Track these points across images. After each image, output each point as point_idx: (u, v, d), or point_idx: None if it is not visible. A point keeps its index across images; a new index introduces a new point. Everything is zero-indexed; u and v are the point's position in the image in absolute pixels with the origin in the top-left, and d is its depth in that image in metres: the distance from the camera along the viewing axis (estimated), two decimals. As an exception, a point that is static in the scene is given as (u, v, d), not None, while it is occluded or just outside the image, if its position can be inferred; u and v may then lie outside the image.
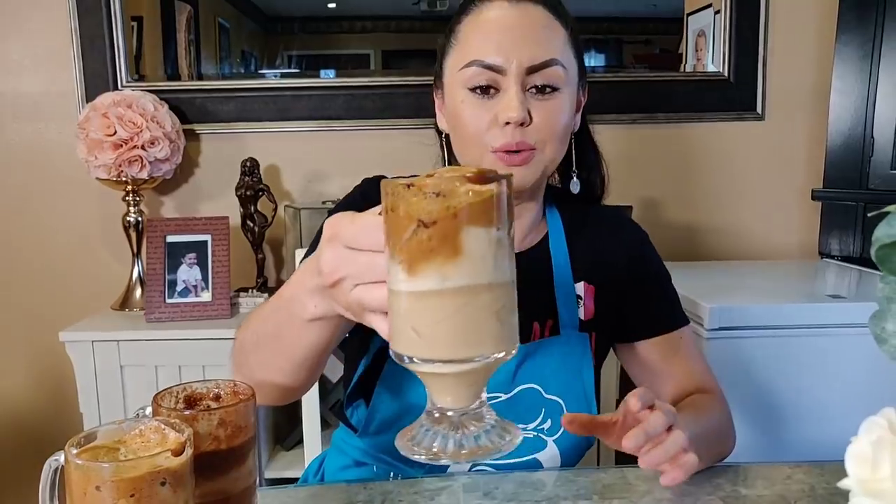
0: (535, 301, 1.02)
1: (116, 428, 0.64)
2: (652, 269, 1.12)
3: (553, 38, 0.97)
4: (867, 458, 0.41)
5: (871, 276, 1.75)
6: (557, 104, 0.97)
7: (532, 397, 1.00)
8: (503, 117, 0.94)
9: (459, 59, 0.98)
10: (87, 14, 1.96)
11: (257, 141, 2.05)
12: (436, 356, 0.53)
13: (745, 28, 2.04)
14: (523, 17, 0.96)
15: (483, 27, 0.97)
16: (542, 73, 0.95)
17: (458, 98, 0.98)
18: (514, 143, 0.94)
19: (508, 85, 0.95)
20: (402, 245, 0.52)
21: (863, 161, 1.89)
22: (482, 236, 0.51)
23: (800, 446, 1.48)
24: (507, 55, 0.94)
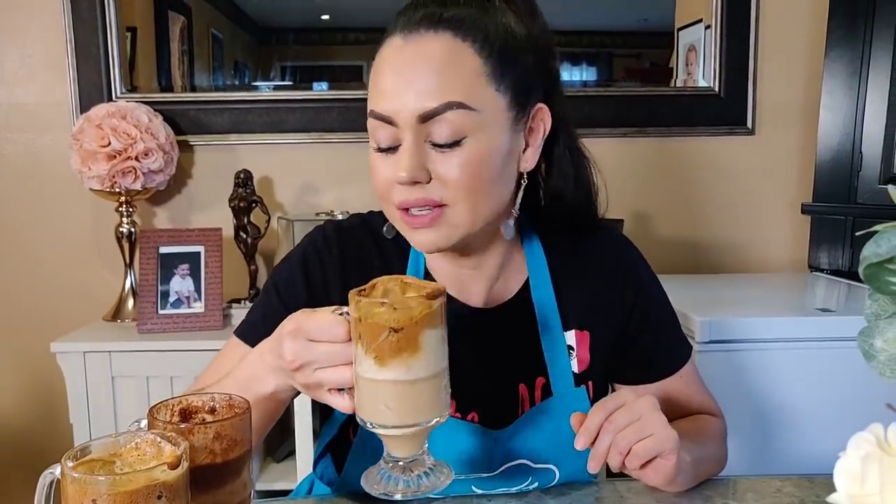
0: (519, 360, 0.95)
1: (112, 441, 0.64)
2: (652, 303, 1.02)
3: (455, 76, 0.81)
4: (856, 474, 0.42)
5: (860, 289, 1.76)
6: (464, 155, 0.82)
7: (519, 470, 0.93)
8: (395, 177, 0.83)
9: (369, 101, 0.87)
10: (82, 24, 1.96)
11: (251, 153, 2.05)
12: (402, 423, 0.71)
13: (735, 43, 2.06)
14: (415, 53, 0.82)
15: (377, 71, 0.86)
16: (439, 121, 0.81)
17: (370, 147, 0.88)
18: (412, 201, 0.83)
19: (404, 138, 0.82)
20: (375, 345, 0.69)
21: (851, 175, 1.91)
22: (434, 335, 0.71)
23: (789, 459, 1.49)
24: (394, 103, 0.82)
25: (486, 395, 0.94)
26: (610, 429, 0.79)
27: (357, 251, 0.97)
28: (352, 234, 0.98)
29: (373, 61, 0.87)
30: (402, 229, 0.89)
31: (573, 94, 2.07)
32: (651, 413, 0.80)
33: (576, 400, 0.94)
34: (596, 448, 0.80)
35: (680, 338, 1.05)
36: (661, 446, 0.80)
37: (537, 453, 0.92)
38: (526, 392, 0.95)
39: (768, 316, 1.54)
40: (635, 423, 0.80)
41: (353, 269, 0.95)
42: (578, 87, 2.11)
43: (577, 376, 0.96)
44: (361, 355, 0.71)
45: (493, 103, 0.84)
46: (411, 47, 0.83)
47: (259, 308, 0.98)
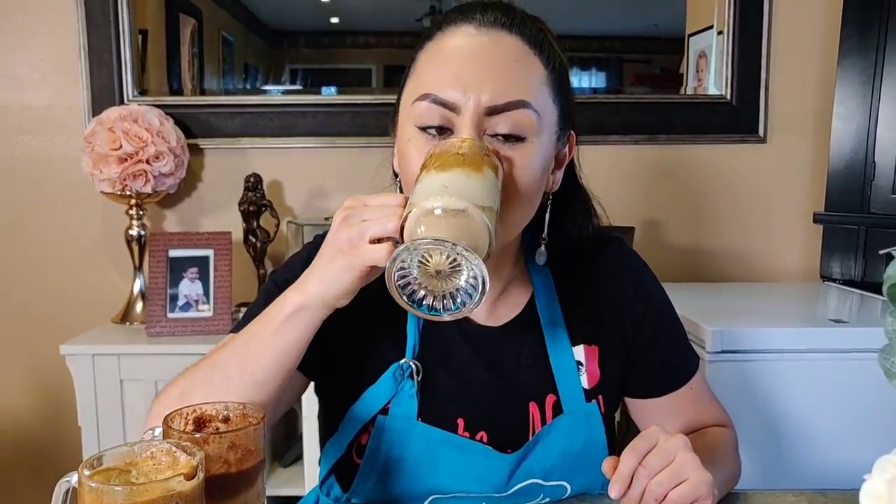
0: (528, 378, 0.93)
1: (128, 450, 0.64)
2: (660, 317, 1.00)
3: (526, 76, 0.82)
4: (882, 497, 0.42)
5: (873, 300, 1.75)
6: (523, 157, 0.81)
7: (531, 490, 0.91)
8: None
9: (413, 91, 0.84)
10: (95, 28, 1.97)
11: (261, 156, 2.05)
12: (458, 196, 0.70)
13: (747, 50, 2.05)
14: (492, 46, 0.81)
15: (441, 55, 0.83)
16: (505, 117, 0.79)
17: (406, 136, 0.83)
18: None
19: (462, 127, 0.79)
20: (440, 160, 0.74)
21: (864, 185, 1.90)
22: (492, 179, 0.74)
23: (801, 472, 1.47)
24: (464, 90, 0.79)
25: (495, 414, 0.92)
26: (644, 473, 0.76)
27: None
28: None
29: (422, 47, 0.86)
30: None
31: (583, 100, 2.07)
32: (684, 454, 0.77)
33: (587, 416, 0.92)
34: (630, 493, 0.77)
35: (688, 349, 1.04)
36: (697, 491, 0.76)
37: (549, 472, 0.91)
38: (537, 410, 0.93)
39: (780, 326, 1.53)
40: (669, 465, 0.77)
41: None
42: (588, 94, 2.11)
43: (588, 391, 0.94)
44: (424, 176, 0.74)
45: (550, 112, 0.84)
46: (485, 40, 0.82)
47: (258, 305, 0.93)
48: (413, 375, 0.90)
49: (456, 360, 0.93)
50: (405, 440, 0.89)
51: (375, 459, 0.89)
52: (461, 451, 0.89)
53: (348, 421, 0.92)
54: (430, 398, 0.91)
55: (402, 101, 0.87)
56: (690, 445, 0.78)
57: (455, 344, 0.93)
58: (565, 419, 0.92)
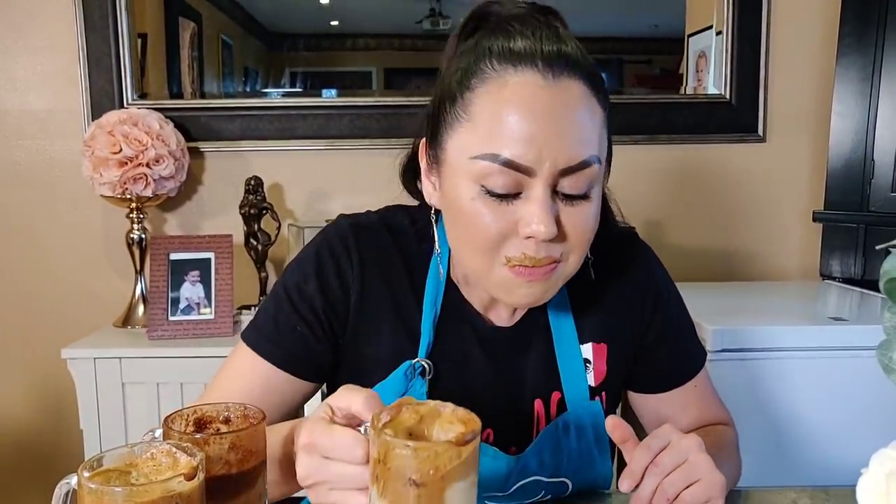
0: (535, 376, 0.94)
1: (128, 451, 0.64)
2: (670, 313, 1.00)
3: (593, 127, 0.78)
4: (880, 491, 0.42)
5: (873, 298, 1.75)
6: (589, 209, 0.79)
7: (531, 487, 0.91)
8: (527, 231, 0.76)
9: (473, 142, 0.77)
10: (94, 32, 1.97)
11: (261, 159, 2.05)
12: None
13: (746, 50, 2.06)
14: (561, 98, 0.76)
15: (508, 109, 0.75)
16: (576, 175, 0.77)
17: (467, 194, 0.78)
18: (537, 262, 0.78)
19: (535, 187, 0.76)
20: (392, 495, 0.59)
21: (863, 183, 1.91)
22: (462, 488, 0.60)
23: (803, 469, 1.48)
24: (540, 153, 0.75)
25: (502, 412, 0.92)
26: (656, 472, 0.75)
27: (377, 252, 0.92)
28: (371, 232, 0.93)
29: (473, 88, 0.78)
30: (500, 284, 0.82)
31: (583, 100, 2.07)
32: (697, 455, 0.76)
33: (590, 414, 0.92)
34: (640, 491, 0.76)
35: (696, 344, 1.04)
36: (709, 492, 0.75)
37: (551, 469, 0.91)
38: (542, 408, 0.93)
39: (780, 325, 1.53)
40: (682, 465, 0.76)
41: (372, 272, 0.91)
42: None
43: (593, 389, 0.95)
44: (375, 497, 0.61)
45: (605, 153, 0.82)
46: (556, 91, 0.76)
47: (269, 313, 0.93)
48: (424, 374, 0.90)
49: (467, 360, 0.93)
50: None
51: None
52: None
53: None
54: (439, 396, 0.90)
55: (452, 144, 0.80)
56: (704, 446, 0.77)
57: (469, 344, 0.93)
58: (568, 417, 0.92)
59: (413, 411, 0.66)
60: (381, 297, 0.91)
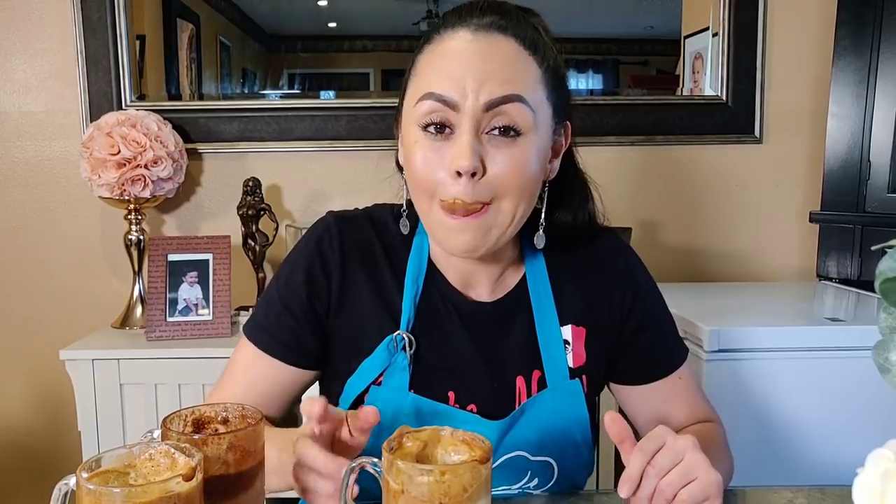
0: (516, 353, 0.97)
1: (126, 452, 0.64)
2: (649, 306, 1.03)
3: (521, 74, 0.87)
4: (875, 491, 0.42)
5: (869, 298, 1.76)
6: (520, 151, 0.86)
7: (517, 463, 0.94)
8: (453, 166, 0.84)
9: (414, 92, 0.88)
10: (93, 34, 1.98)
11: (259, 160, 2.06)
12: None
13: (742, 51, 2.06)
14: (488, 48, 0.86)
15: (440, 58, 0.88)
16: (502, 111, 0.84)
17: (412, 138, 0.88)
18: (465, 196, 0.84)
19: (461, 124, 0.84)
20: None
21: (860, 184, 1.91)
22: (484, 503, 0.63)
23: (799, 469, 1.48)
24: (463, 88, 0.84)
25: (484, 387, 0.96)
26: (653, 473, 0.76)
27: (358, 240, 0.98)
28: (352, 223, 1.00)
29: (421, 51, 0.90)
30: (437, 228, 0.89)
31: (580, 102, 2.07)
32: (693, 454, 0.77)
33: (570, 392, 0.95)
34: (640, 493, 0.76)
35: (676, 339, 1.06)
36: (707, 491, 0.76)
37: (534, 445, 0.93)
38: (523, 384, 0.97)
39: (777, 325, 1.54)
40: (678, 465, 0.77)
41: (353, 258, 0.97)
42: (585, 96, 2.11)
43: (573, 370, 0.98)
44: None
45: (544, 109, 0.89)
46: (483, 42, 0.86)
47: (263, 306, 1.01)
48: (406, 348, 0.94)
49: (448, 335, 0.97)
50: (397, 410, 0.91)
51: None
52: (451, 420, 0.91)
53: (345, 394, 0.95)
54: (422, 370, 0.95)
55: (405, 103, 0.91)
56: (699, 445, 0.78)
57: (448, 318, 0.97)
58: (549, 393, 0.95)
59: (414, 438, 0.68)
60: (362, 280, 0.97)
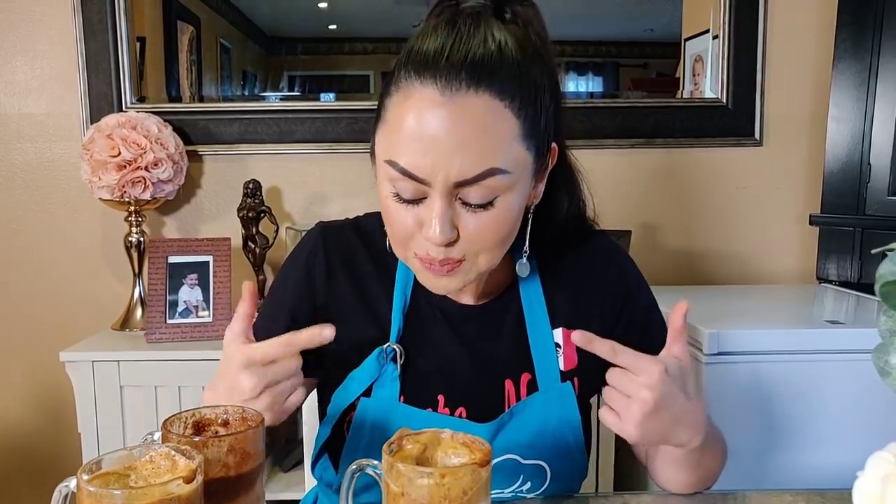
0: (505, 356, 0.96)
1: (127, 454, 0.64)
2: (640, 308, 1.02)
3: (496, 139, 0.79)
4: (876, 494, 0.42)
5: (870, 301, 1.76)
6: (497, 212, 0.82)
7: (509, 467, 0.93)
8: (426, 234, 0.82)
9: (385, 145, 0.82)
10: (93, 36, 1.98)
11: (259, 163, 2.06)
12: None
13: (743, 54, 2.06)
14: (457, 118, 0.77)
15: (408, 120, 0.79)
16: (475, 187, 0.79)
17: (384, 191, 0.84)
18: (437, 261, 0.84)
19: (433, 196, 0.80)
20: None
21: (860, 187, 1.91)
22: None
23: (799, 472, 1.48)
24: (433, 166, 0.78)
25: (473, 390, 0.95)
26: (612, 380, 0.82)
27: (343, 250, 0.99)
28: (338, 233, 1.00)
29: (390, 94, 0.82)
30: (416, 271, 0.89)
31: (580, 105, 2.08)
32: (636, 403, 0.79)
33: (561, 395, 0.94)
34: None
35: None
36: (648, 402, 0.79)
37: (525, 449, 0.92)
38: (512, 388, 0.96)
39: (777, 328, 1.53)
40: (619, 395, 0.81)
41: (337, 268, 0.97)
42: (585, 99, 2.11)
43: (564, 373, 0.96)
44: None
45: (523, 161, 0.83)
46: (452, 108, 0.77)
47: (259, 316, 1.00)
48: (396, 359, 0.94)
49: (436, 340, 0.97)
50: (388, 421, 0.91)
51: (360, 438, 0.92)
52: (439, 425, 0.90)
53: (333, 404, 0.95)
54: (412, 379, 0.95)
55: (377, 140, 0.85)
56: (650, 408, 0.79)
57: (436, 324, 0.97)
58: (540, 396, 0.94)
59: (414, 441, 0.68)
60: (349, 290, 0.97)
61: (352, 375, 0.94)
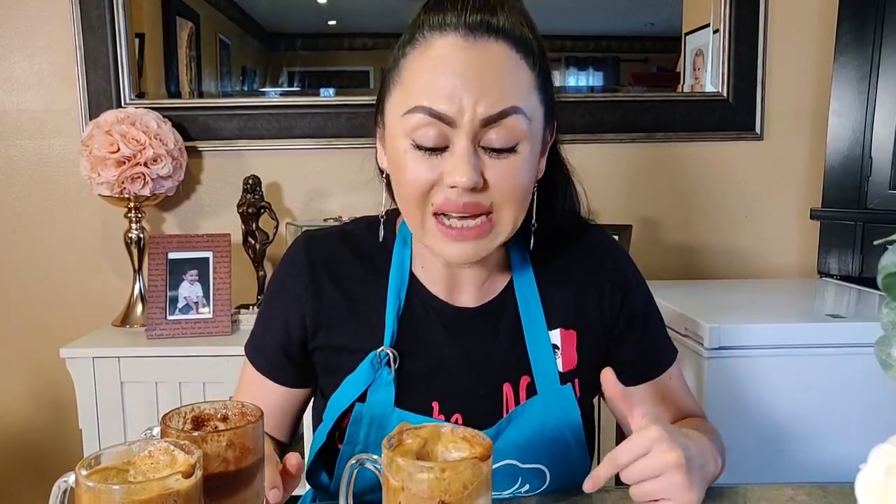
0: (503, 359, 0.95)
1: (126, 449, 0.64)
2: (638, 305, 1.01)
3: (517, 83, 0.83)
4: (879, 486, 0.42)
5: (871, 295, 1.76)
6: (517, 164, 0.83)
7: (507, 471, 0.91)
8: (450, 180, 0.81)
9: (403, 100, 0.84)
10: (92, 31, 1.97)
11: (259, 158, 2.05)
12: None
13: (743, 48, 2.06)
14: (482, 57, 0.81)
15: (431, 67, 0.82)
16: (500, 126, 0.81)
17: (401, 147, 0.84)
18: (461, 205, 0.82)
19: (458, 140, 0.81)
20: None
21: (861, 180, 1.91)
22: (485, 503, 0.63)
23: (800, 466, 1.48)
24: (460, 104, 0.79)
25: (469, 395, 0.94)
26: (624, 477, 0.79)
27: (326, 259, 0.98)
28: (320, 242, 1.00)
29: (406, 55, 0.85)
30: (431, 237, 0.87)
31: (580, 99, 2.07)
32: (673, 475, 0.76)
33: (561, 398, 0.93)
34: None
35: (665, 340, 1.05)
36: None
37: (524, 453, 0.91)
38: (511, 392, 0.94)
39: (778, 322, 1.53)
40: (653, 481, 0.78)
41: (321, 278, 0.96)
42: (585, 93, 2.11)
43: (563, 375, 0.95)
44: None
45: (538, 113, 0.86)
46: (476, 51, 0.81)
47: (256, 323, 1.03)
48: (390, 363, 0.92)
49: (432, 344, 0.95)
50: (383, 426, 0.90)
51: (354, 444, 0.91)
52: None
53: (329, 410, 0.94)
54: (407, 384, 0.93)
55: (389, 107, 0.87)
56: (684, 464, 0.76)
57: (431, 327, 0.96)
58: (539, 400, 0.93)
59: (414, 435, 0.68)
60: (337, 299, 0.96)
61: (346, 380, 0.93)
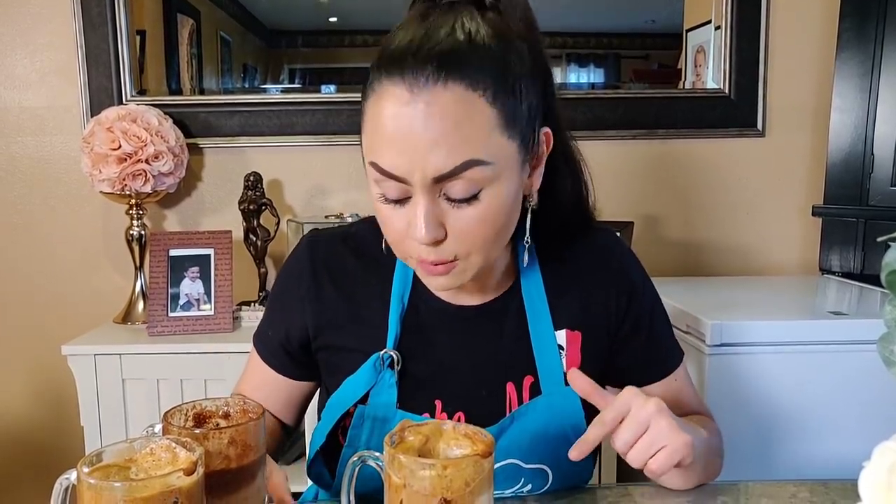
0: (506, 358, 0.95)
1: (127, 446, 0.64)
2: (645, 308, 1.00)
3: (471, 131, 0.76)
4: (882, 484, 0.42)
5: (872, 292, 1.75)
6: (484, 206, 0.79)
7: (509, 471, 0.91)
8: (413, 234, 0.80)
9: (366, 146, 0.81)
10: (93, 28, 1.97)
11: (260, 155, 2.05)
12: None
13: (745, 44, 2.05)
14: (426, 112, 0.74)
15: (380, 122, 0.77)
16: (456, 181, 0.77)
17: (374, 192, 0.83)
18: (430, 261, 0.82)
19: (416, 195, 0.78)
20: None
21: (863, 177, 1.91)
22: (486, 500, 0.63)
23: (802, 463, 1.48)
24: (409, 165, 0.76)
25: (472, 394, 0.93)
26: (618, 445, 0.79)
27: (329, 260, 0.97)
28: (323, 243, 0.99)
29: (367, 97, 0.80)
30: (415, 268, 0.88)
31: (581, 96, 2.07)
32: (658, 421, 0.79)
33: (565, 398, 0.92)
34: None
35: (672, 341, 1.04)
36: (675, 457, 0.79)
37: (527, 453, 0.91)
38: (514, 391, 0.94)
39: (779, 319, 1.53)
40: (644, 436, 0.79)
41: (324, 279, 0.96)
42: (587, 90, 2.11)
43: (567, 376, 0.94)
44: None
45: (506, 151, 0.79)
46: (421, 104, 0.75)
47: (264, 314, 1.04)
48: (393, 365, 0.92)
49: (435, 342, 0.95)
50: (385, 428, 0.90)
51: (357, 445, 0.91)
52: None
53: (329, 410, 0.94)
54: (410, 385, 0.93)
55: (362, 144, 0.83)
56: (663, 407, 0.80)
57: (435, 326, 0.95)
58: (543, 400, 0.92)
59: (416, 432, 0.68)
60: (340, 301, 0.96)
61: (347, 381, 0.92)
